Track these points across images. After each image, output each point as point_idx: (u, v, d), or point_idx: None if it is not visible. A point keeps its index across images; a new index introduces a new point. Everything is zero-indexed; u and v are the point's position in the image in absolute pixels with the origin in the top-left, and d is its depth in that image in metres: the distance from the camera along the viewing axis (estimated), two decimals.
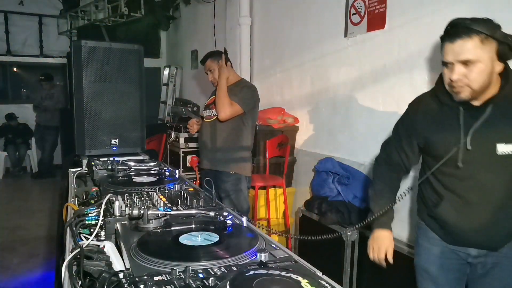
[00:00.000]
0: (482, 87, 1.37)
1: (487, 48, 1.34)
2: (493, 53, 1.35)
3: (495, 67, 1.37)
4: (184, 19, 6.62)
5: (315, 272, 0.94)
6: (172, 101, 6.48)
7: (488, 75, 1.36)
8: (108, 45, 2.63)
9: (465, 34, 1.34)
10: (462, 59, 1.35)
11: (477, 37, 1.33)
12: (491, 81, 1.38)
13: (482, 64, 1.35)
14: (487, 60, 1.35)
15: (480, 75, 1.35)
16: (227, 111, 2.66)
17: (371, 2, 2.83)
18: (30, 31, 7.47)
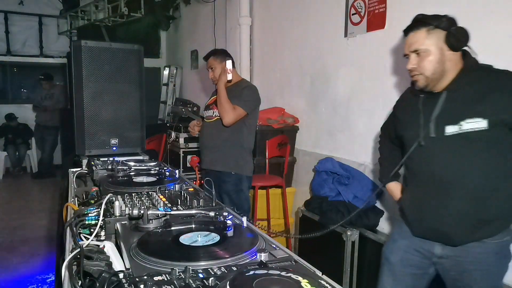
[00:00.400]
0: (434, 74, 1.48)
1: (434, 38, 1.47)
2: (442, 43, 1.46)
3: (445, 55, 1.47)
4: (184, 19, 6.62)
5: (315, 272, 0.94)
6: (172, 101, 6.48)
7: (439, 63, 1.47)
8: (108, 45, 2.63)
9: (415, 27, 1.50)
10: (413, 49, 1.50)
11: (424, 28, 1.48)
12: (445, 68, 1.48)
13: (431, 52, 1.47)
14: (435, 49, 1.47)
15: (430, 63, 1.47)
16: (231, 117, 2.66)
17: (371, 2, 2.83)
18: (30, 31, 7.47)
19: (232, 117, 2.66)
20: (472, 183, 1.46)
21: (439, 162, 1.50)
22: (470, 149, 1.46)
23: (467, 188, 1.47)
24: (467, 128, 1.43)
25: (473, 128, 1.42)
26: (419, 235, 1.61)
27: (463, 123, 1.44)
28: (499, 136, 1.44)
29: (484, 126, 1.41)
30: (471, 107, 1.44)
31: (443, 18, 1.47)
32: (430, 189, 1.54)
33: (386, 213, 2.74)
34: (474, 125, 1.42)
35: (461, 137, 1.45)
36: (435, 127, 1.50)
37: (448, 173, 1.49)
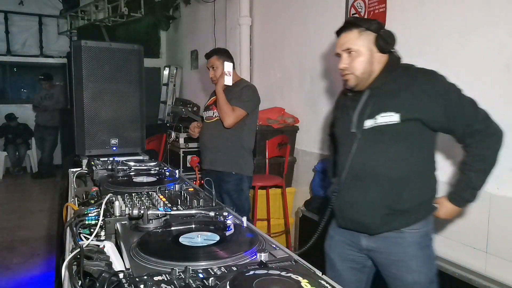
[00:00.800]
0: (363, 74, 1.56)
1: (365, 39, 1.54)
2: (371, 44, 1.54)
3: (374, 56, 1.56)
4: (184, 19, 6.62)
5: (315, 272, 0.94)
6: (172, 101, 6.48)
7: (369, 64, 1.55)
8: (108, 45, 2.63)
9: (347, 28, 1.57)
10: (345, 48, 1.57)
11: (356, 29, 1.55)
12: (373, 69, 1.57)
13: (362, 53, 1.55)
14: (365, 50, 1.55)
15: (360, 63, 1.55)
16: (231, 119, 2.66)
17: (371, 2, 2.83)
18: (30, 31, 7.47)
19: (232, 119, 2.66)
20: (385, 175, 1.53)
21: (358, 154, 1.57)
22: (384, 141, 1.53)
23: (381, 179, 1.54)
24: (381, 121, 1.52)
25: (386, 122, 1.51)
26: (343, 226, 1.69)
27: (378, 117, 1.53)
28: (412, 130, 1.51)
29: (396, 120, 1.49)
30: (387, 102, 1.53)
31: (373, 22, 1.55)
32: (350, 181, 1.60)
33: None
34: (387, 119, 1.50)
35: (376, 130, 1.54)
36: (356, 122, 1.59)
37: (365, 165, 1.57)
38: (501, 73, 2.00)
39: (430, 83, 1.51)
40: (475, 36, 2.13)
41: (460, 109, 1.49)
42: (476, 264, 2.10)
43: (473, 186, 1.55)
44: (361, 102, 1.59)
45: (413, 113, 1.49)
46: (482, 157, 1.52)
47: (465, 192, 1.56)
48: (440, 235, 2.30)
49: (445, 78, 1.54)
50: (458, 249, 2.20)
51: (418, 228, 1.56)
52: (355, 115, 1.60)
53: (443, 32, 2.29)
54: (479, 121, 1.50)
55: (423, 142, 1.56)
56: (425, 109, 1.48)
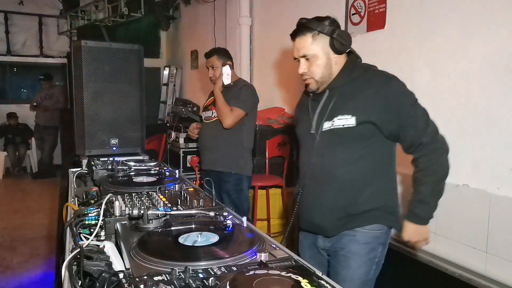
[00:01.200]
0: (323, 78, 1.56)
1: (320, 43, 1.52)
2: (327, 47, 1.53)
3: (332, 59, 1.55)
4: (184, 19, 6.62)
5: (315, 272, 0.94)
6: (172, 101, 6.47)
7: (327, 67, 1.54)
8: (108, 45, 2.63)
9: (300, 32, 1.54)
10: (301, 55, 1.55)
11: (310, 33, 1.52)
12: (332, 71, 1.56)
13: (318, 57, 1.53)
14: (322, 54, 1.53)
15: (318, 68, 1.54)
16: (230, 119, 2.66)
17: (371, 2, 2.83)
18: (30, 31, 7.47)
19: (231, 119, 2.66)
20: (342, 178, 1.53)
21: (316, 156, 1.57)
22: (341, 144, 1.53)
23: (338, 182, 1.53)
24: (338, 124, 1.51)
25: (343, 125, 1.50)
26: (304, 228, 1.69)
27: (335, 119, 1.52)
28: (368, 133, 1.50)
29: (352, 123, 1.49)
30: (343, 104, 1.52)
31: (325, 23, 1.52)
32: (308, 183, 1.60)
33: None
34: (343, 122, 1.50)
35: (333, 133, 1.53)
36: (316, 124, 1.58)
37: (322, 168, 1.56)
38: (501, 73, 2.00)
39: (384, 88, 1.49)
40: (475, 36, 2.12)
41: (411, 119, 1.48)
42: (476, 264, 2.10)
43: (424, 201, 1.52)
44: (321, 103, 1.58)
45: (367, 117, 1.48)
46: (430, 171, 1.51)
47: (418, 209, 1.53)
48: (440, 235, 2.30)
49: (402, 85, 1.52)
50: (458, 249, 2.20)
51: (371, 230, 1.54)
52: (314, 117, 1.59)
53: (443, 32, 2.29)
54: (428, 134, 1.49)
55: (380, 146, 1.54)
56: (376, 113, 1.47)
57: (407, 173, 2.46)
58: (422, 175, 1.52)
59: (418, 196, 1.52)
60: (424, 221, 1.54)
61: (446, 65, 2.26)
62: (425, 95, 2.37)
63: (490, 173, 2.04)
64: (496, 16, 2.03)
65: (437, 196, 1.53)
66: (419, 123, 1.49)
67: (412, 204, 1.54)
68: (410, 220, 1.54)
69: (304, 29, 1.53)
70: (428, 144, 1.49)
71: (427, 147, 1.49)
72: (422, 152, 1.50)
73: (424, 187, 1.51)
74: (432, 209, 1.53)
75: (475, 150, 2.11)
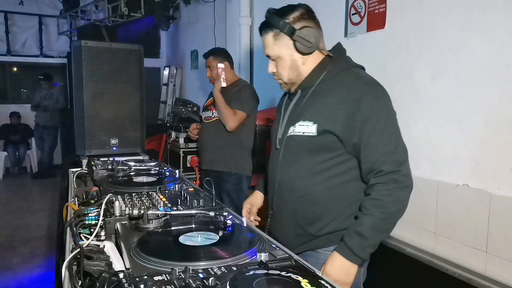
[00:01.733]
0: (290, 79, 1.42)
1: (283, 44, 1.36)
2: (291, 49, 1.36)
3: (298, 60, 1.38)
4: (184, 19, 6.62)
5: (315, 272, 0.94)
6: (172, 101, 6.47)
7: (293, 69, 1.39)
8: (108, 45, 2.63)
9: (263, 30, 1.39)
10: (266, 54, 1.41)
11: (271, 32, 1.36)
12: (300, 72, 1.40)
13: (282, 59, 1.38)
14: (286, 56, 1.37)
15: (284, 70, 1.40)
16: (234, 122, 2.67)
17: (371, 2, 2.83)
18: (30, 31, 7.47)
19: (235, 122, 2.67)
20: (298, 191, 1.37)
21: (279, 164, 1.43)
22: (300, 153, 1.37)
23: (294, 195, 1.38)
24: (298, 131, 1.36)
25: (303, 132, 1.35)
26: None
27: (297, 125, 1.37)
28: (331, 144, 1.33)
29: (313, 131, 1.32)
30: (310, 108, 1.36)
31: (289, 18, 1.33)
32: (273, 192, 1.47)
33: None
34: (304, 129, 1.35)
35: (292, 140, 1.39)
36: (284, 128, 1.44)
37: (282, 177, 1.42)
38: (501, 73, 2.00)
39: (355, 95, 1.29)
40: (475, 36, 2.12)
41: (374, 139, 1.27)
42: (476, 264, 2.10)
43: (363, 235, 1.24)
44: (291, 104, 1.45)
45: (329, 126, 1.30)
46: (381, 203, 1.25)
47: (352, 240, 1.26)
48: (440, 235, 2.30)
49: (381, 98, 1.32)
50: (458, 249, 2.19)
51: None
52: (284, 120, 1.45)
53: (443, 32, 2.29)
54: (391, 163, 1.26)
55: (349, 159, 1.34)
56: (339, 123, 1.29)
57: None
58: (370, 205, 1.26)
59: (357, 227, 1.26)
60: (356, 259, 1.26)
61: (446, 65, 2.26)
62: (425, 95, 2.38)
63: (490, 173, 2.04)
64: (496, 16, 2.03)
65: (379, 234, 1.27)
66: (383, 146, 1.27)
67: (348, 234, 1.27)
68: (340, 252, 1.27)
69: (266, 26, 1.38)
70: (389, 173, 1.25)
71: (386, 176, 1.25)
72: (380, 179, 1.26)
73: (368, 219, 1.25)
74: (368, 247, 1.27)
75: (475, 150, 2.11)
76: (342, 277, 1.28)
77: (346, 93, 1.31)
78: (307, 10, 1.38)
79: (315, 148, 1.34)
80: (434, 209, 2.30)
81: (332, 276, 1.26)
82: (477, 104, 2.10)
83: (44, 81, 6.99)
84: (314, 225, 1.37)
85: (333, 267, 1.28)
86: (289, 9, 1.36)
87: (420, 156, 2.39)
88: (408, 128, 2.47)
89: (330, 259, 1.30)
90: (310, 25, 1.36)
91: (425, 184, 2.34)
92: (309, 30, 1.35)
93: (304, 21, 1.35)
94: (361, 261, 1.29)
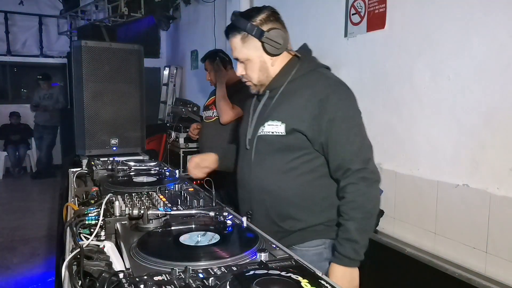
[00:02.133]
0: (260, 81, 1.43)
1: (251, 46, 1.38)
2: (260, 51, 1.37)
3: (267, 62, 1.40)
4: (184, 19, 6.62)
5: (315, 272, 0.94)
6: (172, 101, 6.48)
7: (262, 70, 1.41)
8: (108, 45, 2.63)
9: (230, 33, 1.41)
10: (235, 57, 1.43)
11: (239, 35, 1.38)
12: (270, 73, 1.42)
13: (251, 61, 1.39)
14: (255, 58, 1.39)
15: (253, 72, 1.41)
16: (229, 116, 2.67)
17: (371, 2, 2.83)
18: (30, 31, 7.47)
19: (230, 116, 2.67)
20: (269, 189, 1.40)
21: (251, 164, 1.45)
22: (269, 153, 1.40)
23: (266, 194, 1.41)
24: (267, 131, 1.38)
25: (272, 132, 1.37)
26: None
27: (265, 125, 1.39)
28: (299, 143, 1.36)
29: (282, 131, 1.35)
30: (278, 108, 1.39)
31: (255, 21, 1.36)
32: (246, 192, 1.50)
33: (386, 213, 2.74)
34: (272, 128, 1.37)
35: (261, 139, 1.40)
36: (253, 128, 1.46)
37: (254, 176, 1.44)
38: (501, 73, 2.00)
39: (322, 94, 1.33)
40: (475, 36, 2.12)
41: (341, 138, 1.32)
42: (476, 264, 2.10)
43: (353, 240, 1.29)
44: (260, 105, 1.47)
45: (297, 125, 1.33)
46: (357, 205, 1.30)
47: (346, 249, 1.30)
48: (440, 235, 2.30)
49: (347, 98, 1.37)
50: (458, 249, 2.20)
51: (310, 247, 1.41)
52: (253, 120, 1.46)
53: (443, 32, 2.29)
54: (359, 161, 1.31)
55: (316, 157, 1.38)
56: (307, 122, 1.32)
57: (403, 172, 2.47)
58: (349, 209, 1.31)
59: (345, 234, 1.30)
60: (354, 263, 1.31)
61: (446, 65, 2.26)
62: (425, 95, 2.38)
63: (490, 173, 2.04)
64: (496, 16, 2.03)
65: (367, 233, 1.33)
66: (350, 145, 1.32)
67: (339, 244, 1.32)
68: (338, 262, 1.31)
69: (234, 29, 1.40)
70: (357, 171, 1.30)
71: (355, 174, 1.30)
72: (349, 180, 1.31)
73: (351, 223, 1.30)
74: (362, 248, 1.31)
75: (475, 150, 2.11)
76: (348, 284, 1.31)
77: (313, 94, 1.35)
78: (272, 12, 1.41)
79: (284, 147, 1.37)
80: (434, 209, 2.30)
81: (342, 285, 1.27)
82: (477, 104, 2.10)
83: (42, 81, 7.00)
84: (287, 221, 1.41)
85: (336, 278, 1.30)
86: (255, 12, 1.39)
87: (420, 156, 2.39)
88: (408, 128, 2.47)
89: (331, 271, 1.33)
90: (277, 27, 1.39)
91: (425, 184, 2.34)
92: (277, 31, 1.37)
93: (271, 22, 1.38)
94: (359, 263, 1.32)
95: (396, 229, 2.57)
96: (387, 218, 2.74)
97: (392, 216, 2.69)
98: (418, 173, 2.41)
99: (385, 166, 2.62)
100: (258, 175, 1.44)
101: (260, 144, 1.42)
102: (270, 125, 1.38)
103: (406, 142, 2.49)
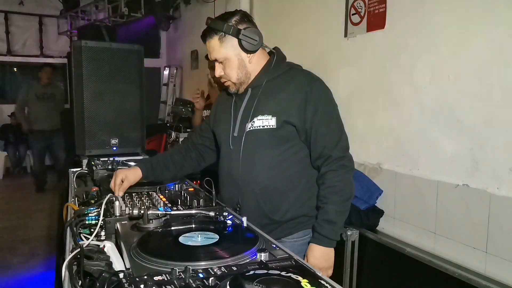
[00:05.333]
0: (239, 79, 1.50)
1: (228, 45, 1.45)
2: (237, 49, 1.46)
3: (245, 59, 1.48)
4: (184, 19, 6.62)
5: (315, 272, 0.94)
6: (172, 101, 6.48)
7: (241, 68, 1.49)
8: (108, 45, 2.63)
9: (208, 35, 1.47)
10: (213, 58, 1.49)
11: (216, 36, 1.45)
12: (248, 71, 1.50)
13: (230, 60, 1.47)
14: (233, 56, 1.46)
15: (232, 70, 1.48)
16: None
17: (371, 2, 2.83)
18: (30, 31, 7.47)
19: None
20: (261, 183, 1.47)
21: (239, 161, 1.50)
22: (260, 147, 1.47)
23: (257, 188, 1.48)
24: (258, 125, 1.46)
25: (263, 126, 1.45)
26: None
27: (255, 120, 1.46)
28: (288, 135, 1.45)
29: (273, 124, 1.44)
30: (265, 104, 1.47)
31: (231, 21, 1.44)
32: (232, 188, 1.55)
33: (386, 213, 2.74)
34: (263, 122, 1.45)
35: (252, 134, 1.47)
36: (239, 126, 1.52)
37: (242, 172, 1.50)
38: (501, 73, 2.00)
39: (305, 88, 1.44)
40: (475, 36, 2.12)
41: (323, 128, 1.43)
42: (476, 264, 2.10)
43: (332, 221, 1.42)
44: (243, 103, 1.52)
45: (288, 117, 1.43)
46: (337, 189, 1.43)
47: (325, 229, 1.42)
48: (440, 235, 2.30)
49: (325, 90, 1.48)
50: (458, 249, 2.19)
51: (298, 238, 1.50)
52: (238, 118, 1.52)
53: (443, 32, 2.29)
54: (338, 149, 1.45)
55: (301, 148, 1.49)
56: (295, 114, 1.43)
57: (403, 172, 2.47)
58: (329, 193, 1.44)
59: (324, 216, 1.43)
60: (331, 243, 1.45)
61: (446, 65, 2.26)
62: (425, 95, 2.38)
63: (490, 173, 2.04)
64: (496, 16, 2.03)
65: (343, 216, 1.46)
66: (331, 134, 1.45)
67: (318, 225, 1.44)
68: (317, 242, 1.43)
69: (211, 31, 1.46)
70: (337, 159, 1.44)
71: (335, 162, 1.44)
72: (330, 167, 1.44)
73: (331, 206, 1.42)
74: (339, 230, 1.45)
75: (475, 150, 2.11)
76: (325, 263, 1.45)
77: (297, 87, 1.46)
78: (245, 14, 1.49)
79: (275, 140, 1.46)
80: (434, 209, 2.30)
81: (317, 266, 1.40)
82: (477, 104, 2.10)
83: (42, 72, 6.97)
84: (277, 212, 1.49)
85: (315, 258, 1.44)
86: (229, 14, 1.47)
87: (420, 156, 2.39)
88: (408, 128, 2.47)
89: (310, 252, 1.45)
90: (251, 26, 1.48)
91: (425, 184, 2.34)
92: (252, 29, 1.46)
93: (245, 23, 1.46)
94: (335, 243, 1.46)
95: (396, 229, 2.57)
96: (387, 218, 2.74)
97: (392, 216, 2.69)
98: (418, 173, 2.41)
99: (385, 166, 2.62)
100: (248, 170, 1.49)
101: (249, 139, 1.48)
102: (260, 120, 1.45)
103: (406, 142, 2.49)
